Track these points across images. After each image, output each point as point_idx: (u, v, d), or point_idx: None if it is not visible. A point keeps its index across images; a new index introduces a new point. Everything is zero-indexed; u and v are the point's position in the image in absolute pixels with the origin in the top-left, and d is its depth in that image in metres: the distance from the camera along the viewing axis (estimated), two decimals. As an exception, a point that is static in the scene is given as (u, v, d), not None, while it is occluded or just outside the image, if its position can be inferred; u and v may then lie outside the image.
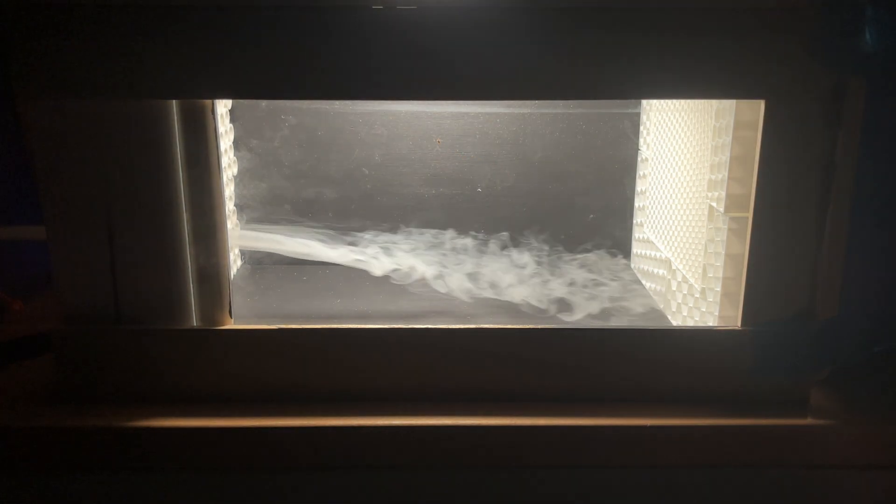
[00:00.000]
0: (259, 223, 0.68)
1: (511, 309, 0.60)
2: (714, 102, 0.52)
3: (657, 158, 0.66)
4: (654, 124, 0.67)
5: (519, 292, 0.62)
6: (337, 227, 0.68)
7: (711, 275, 0.53)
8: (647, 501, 0.49)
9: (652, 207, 0.68)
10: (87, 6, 0.41)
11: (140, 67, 0.42)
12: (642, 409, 0.47)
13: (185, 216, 0.46)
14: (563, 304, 0.60)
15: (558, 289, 0.62)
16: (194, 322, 0.48)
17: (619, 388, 0.49)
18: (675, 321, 0.59)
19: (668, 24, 0.43)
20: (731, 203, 0.49)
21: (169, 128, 0.44)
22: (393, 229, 0.69)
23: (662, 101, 0.64)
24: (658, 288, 0.64)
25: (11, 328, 0.59)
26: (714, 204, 0.52)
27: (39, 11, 0.41)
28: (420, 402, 0.48)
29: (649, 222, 0.69)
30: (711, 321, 0.52)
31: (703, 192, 0.54)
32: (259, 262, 0.72)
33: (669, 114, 0.63)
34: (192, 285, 0.47)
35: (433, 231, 0.69)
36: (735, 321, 0.48)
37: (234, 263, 0.70)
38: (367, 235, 0.67)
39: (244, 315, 0.58)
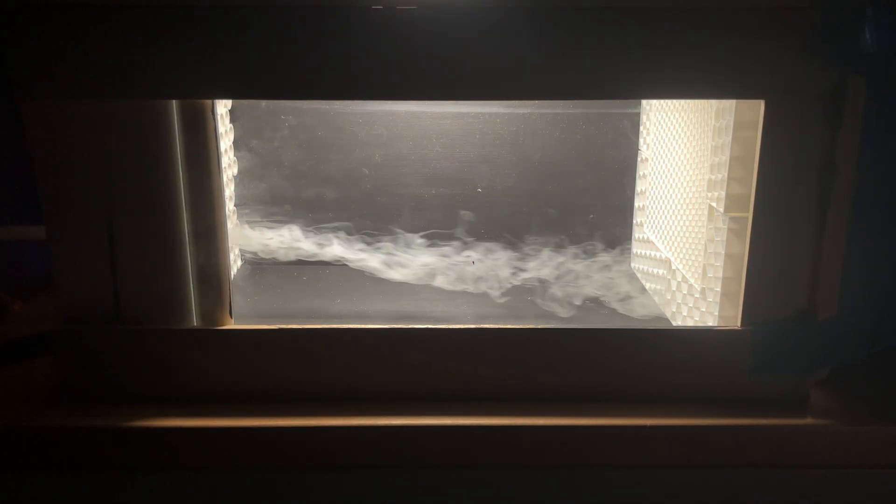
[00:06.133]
0: (259, 223, 0.68)
1: (510, 309, 0.60)
2: (714, 102, 0.52)
3: (657, 158, 0.66)
4: (654, 124, 0.67)
5: (518, 292, 0.62)
6: (337, 227, 0.68)
7: (711, 275, 0.53)
8: (648, 501, 0.49)
9: (652, 207, 0.68)
10: (88, 6, 0.41)
11: (140, 67, 0.42)
12: (642, 409, 0.47)
13: (185, 216, 0.46)
14: (563, 304, 0.60)
15: (557, 289, 0.62)
16: (194, 322, 0.48)
17: (620, 388, 0.49)
18: (675, 321, 0.59)
19: (668, 24, 0.43)
20: (731, 203, 0.49)
21: (169, 128, 0.44)
22: (391, 230, 0.69)
23: (662, 101, 0.64)
24: (658, 288, 0.64)
25: (11, 328, 0.59)
26: (714, 204, 0.52)
27: (39, 11, 0.41)
28: (420, 402, 0.48)
29: (649, 222, 0.69)
30: (711, 321, 0.52)
31: (703, 192, 0.54)
32: (259, 262, 0.72)
33: (669, 114, 0.63)
34: (192, 285, 0.47)
35: (432, 230, 0.69)
36: (735, 321, 0.48)
37: (234, 263, 0.70)
38: (366, 237, 0.67)
39: (244, 315, 0.58)
